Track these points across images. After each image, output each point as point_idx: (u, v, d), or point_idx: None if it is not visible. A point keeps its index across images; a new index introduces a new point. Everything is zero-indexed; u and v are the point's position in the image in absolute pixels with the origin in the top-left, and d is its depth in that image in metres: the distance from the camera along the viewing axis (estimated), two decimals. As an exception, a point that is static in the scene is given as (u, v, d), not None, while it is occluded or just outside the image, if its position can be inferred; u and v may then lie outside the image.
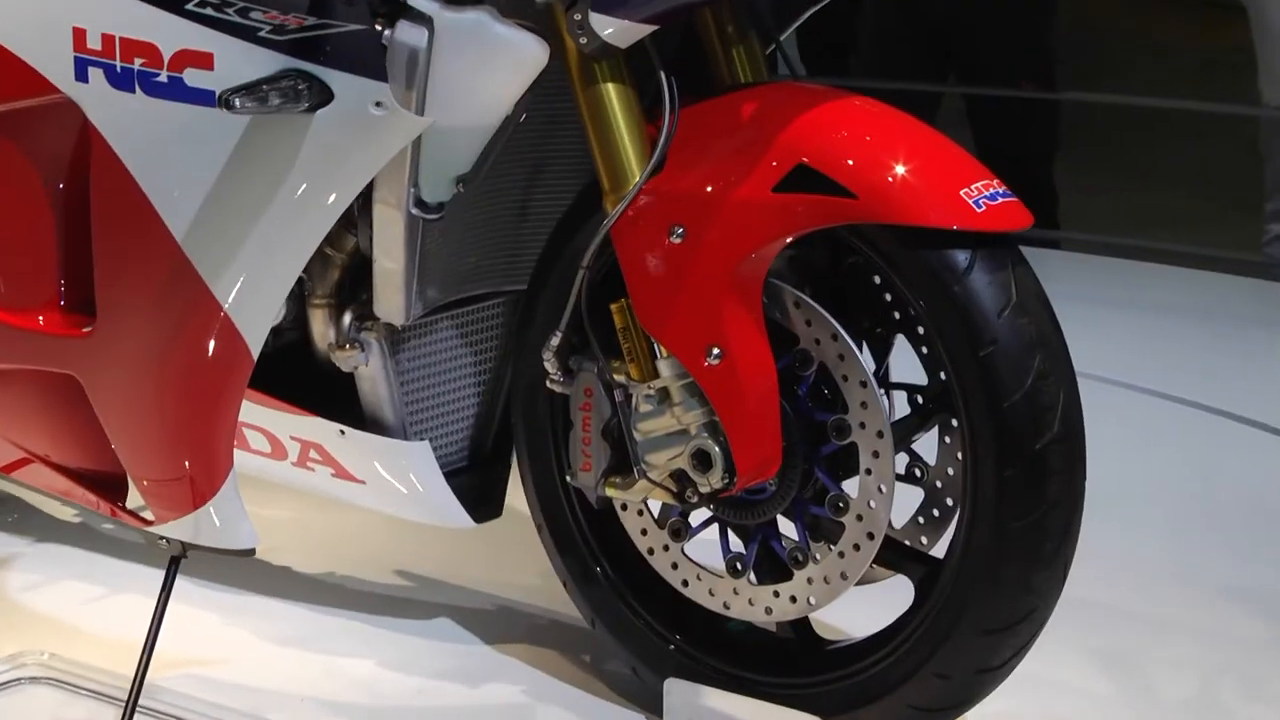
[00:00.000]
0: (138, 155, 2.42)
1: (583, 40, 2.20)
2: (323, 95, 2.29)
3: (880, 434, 2.20)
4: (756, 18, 2.37)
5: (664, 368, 2.25)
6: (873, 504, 2.22)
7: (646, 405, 2.27)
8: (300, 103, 2.28)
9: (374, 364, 2.51)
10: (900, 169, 2.12)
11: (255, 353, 2.38)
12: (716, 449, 2.23)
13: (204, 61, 2.35)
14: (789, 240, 2.17)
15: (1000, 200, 2.14)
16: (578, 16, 2.18)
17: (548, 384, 2.36)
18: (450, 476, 2.55)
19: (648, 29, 2.19)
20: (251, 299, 2.38)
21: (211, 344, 2.41)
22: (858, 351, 2.22)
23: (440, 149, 2.32)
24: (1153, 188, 6.22)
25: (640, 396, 2.28)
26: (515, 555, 2.82)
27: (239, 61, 2.31)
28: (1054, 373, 2.13)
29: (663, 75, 2.24)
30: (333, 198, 2.32)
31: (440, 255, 2.46)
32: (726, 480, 2.23)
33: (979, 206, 2.11)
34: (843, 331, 2.21)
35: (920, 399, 2.31)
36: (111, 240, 2.48)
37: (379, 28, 2.29)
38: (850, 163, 2.12)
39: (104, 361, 2.51)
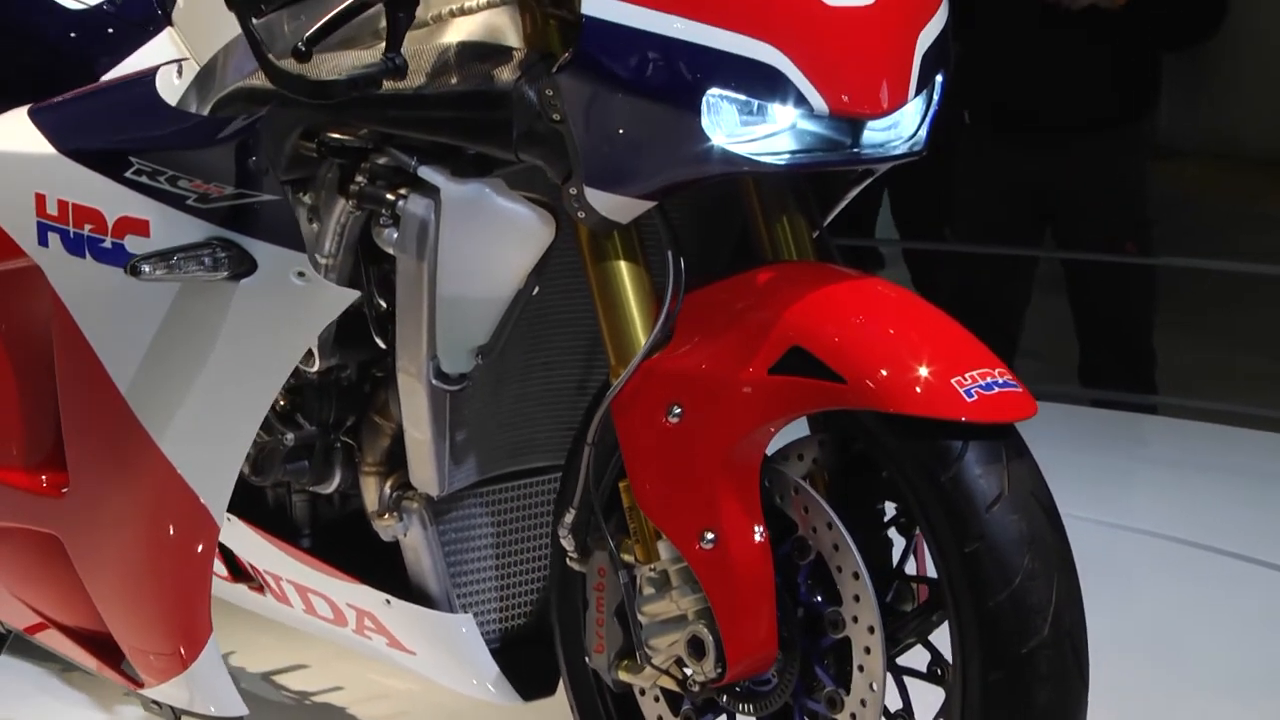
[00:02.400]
0: (91, 320, 2.47)
1: (581, 215, 2.17)
2: (246, 264, 2.31)
3: (872, 629, 2.12)
4: (799, 196, 2.34)
5: (663, 550, 2.21)
6: (865, 702, 2.14)
7: (649, 588, 2.23)
8: (218, 271, 2.31)
9: (414, 534, 2.50)
10: (892, 355, 2.06)
11: (219, 519, 2.38)
12: (710, 637, 2.17)
13: (142, 228, 2.40)
14: (784, 423, 2.13)
15: (997, 390, 2.08)
16: (574, 191, 2.16)
17: (567, 561, 2.33)
18: (501, 651, 2.52)
19: (645, 205, 2.17)
20: (207, 467, 2.38)
21: (174, 511, 2.42)
22: (851, 542, 2.15)
23: (455, 320, 2.32)
24: (1253, 353, 6.15)
25: (644, 578, 2.23)
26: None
27: (172, 228, 2.35)
28: (1045, 573, 2.04)
29: (669, 255, 2.21)
30: (272, 365, 2.33)
31: (485, 427, 2.45)
32: (719, 671, 2.17)
33: (970, 396, 2.05)
34: (837, 520, 2.15)
35: (929, 593, 2.23)
36: (73, 404, 2.51)
37: (391, 198, 2.31)
38: (842, 347, 2.07)
39: (80, 523, 2.54)
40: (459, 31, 2.25)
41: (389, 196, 2.33)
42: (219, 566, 2.73)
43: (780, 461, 2.23)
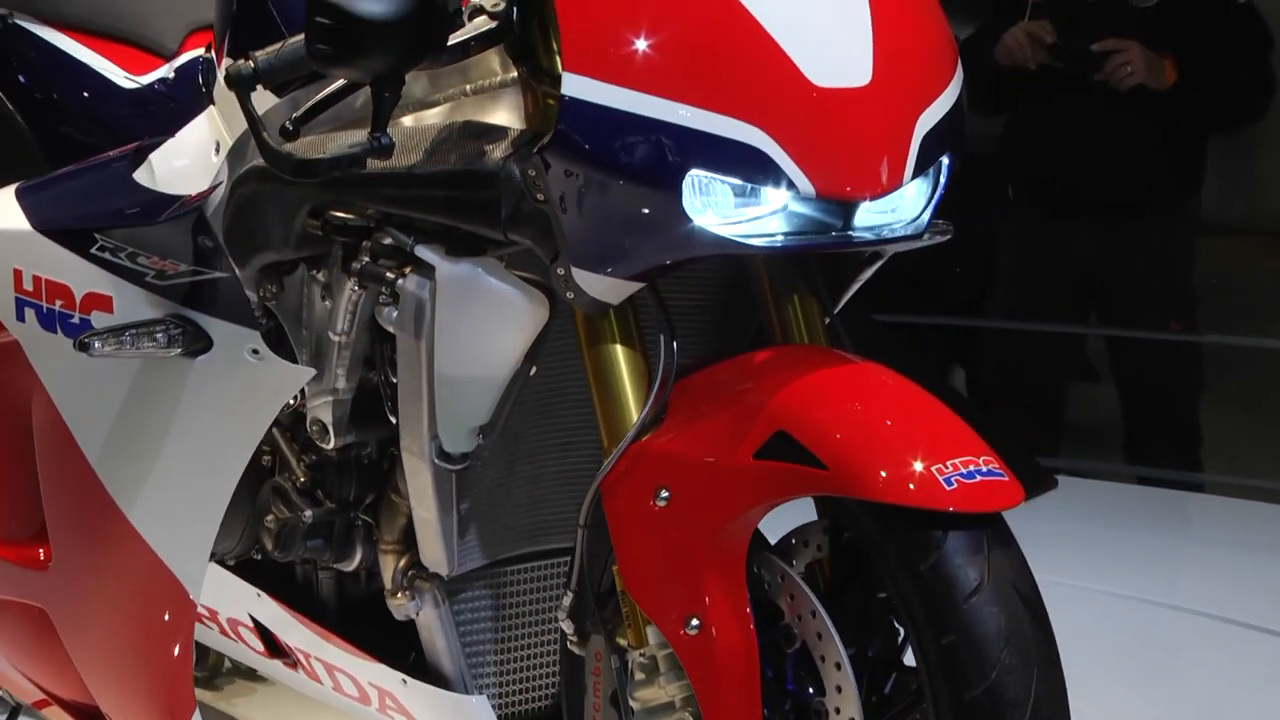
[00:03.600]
0: (64, 395, 2.49)
1: (571, 296, 2.16)
2: (202, 342, 2.32)
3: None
4: (809, 278, 2.32)
5: (651, 634, 2.18)
6: None
7: (640, 673, 2.20)
8: (172, 348, 2.31)
9: (428, 613, 2.48)
10: (875, 441, 2.03)
11: (196, 595, 2.37)
12: None
13: (106, 305, 2.42)
14: (767, 509, 2.10)
15: (979, 479, 2.04)
16: (561, 272, 2.14)
17: (567, 645, 2.31)
18: None
19: (634, 286, 2.15)
20: (180, 543, 2.39)
21: (151, 587, 2.42)
22: (834, 631, 2.11)
23: (454, 400, 2.31)
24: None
25: (635, 663, 2.20)
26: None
27: (133, 305, 2.37)
28: (1024, 666, 1.99)
29: (662, 338, 2.19)
30: (235, 442, 2.33)
31: (499, 508, 2.44)
32: None
33: (949, 484, 2.01)
34: (820, 608, 2.12)
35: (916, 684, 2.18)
36: (51, 479, 2.53)
37: (391, 277, 2.31)
38: (825, 432, 2.04)
39: (63, 597, 2.55)
40: (460, 112, 2.26)
41: (389, 275, 2.33)
42: (256, 641, 2.74)
43: (783, 547, 2.20)
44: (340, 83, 2.13)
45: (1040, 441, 4.97)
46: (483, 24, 2.14)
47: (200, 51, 2.84)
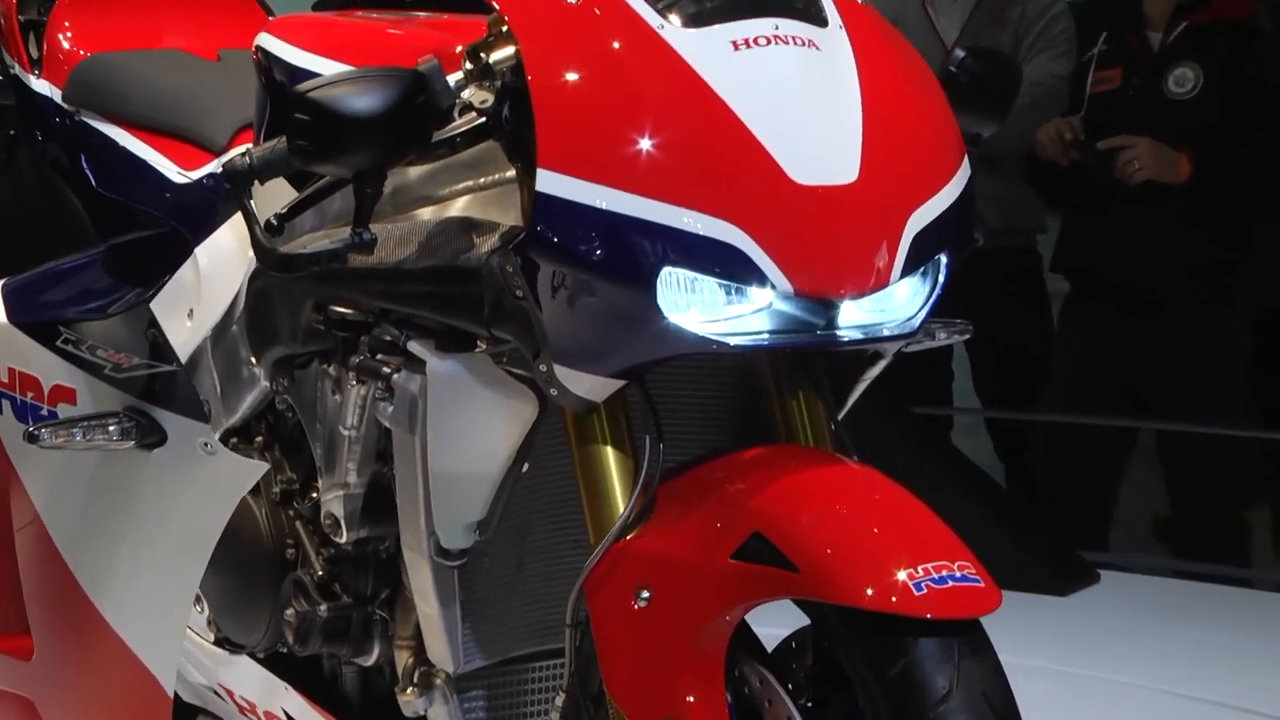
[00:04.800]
0: (37, 487, 2.52)
1: (554, 393, 2.15)
2: (156, 435, 2.34)
3: None
4: (813, 376, 2.29)
5: None
6: None
7: None
8: (125, 440, 2.34)
9: (436, 711, 2.46)
10: (847, 544, 2.01)
11: (169, 688, 2.37)
12: None
13: (71, 397, 2.47)
14: (744, 611, 2.08)
15: (951, 584, 2.00)
16: (544, 368, 2.13)
17: None
18: None
19: (617, 383, 2.14)
20: (151, 636, 2.40)
21: (125, 680, 2.44)
22: None
23: (449, 496, 2.31)
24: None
25: None
26: None
27: (95, 398, 2.40)
28: None
29: (648, 440, 2.17)
30: (196, 536, 2.34)
31: (510, 605, 2.42)
32: None
33: (919, 589, 1.97)
34: (796, 713, 2.09)
35: None
36: (29, 570, 2.56)
37: (387, 372, 2.31)
38: (798, 535, 2.02)
39: (46, 688, 2.57)
40: (455, 208, 2.27)
41: (385, 370, 2.33)
42: None
43: (777, 651, 2.17)
44: (328, 179, 2.14)
45: (1088, 535, 4.94)
46: (471, 120, 2.14)
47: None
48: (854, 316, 2.09)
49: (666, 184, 2.03)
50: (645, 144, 2.04)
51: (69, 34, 3.01)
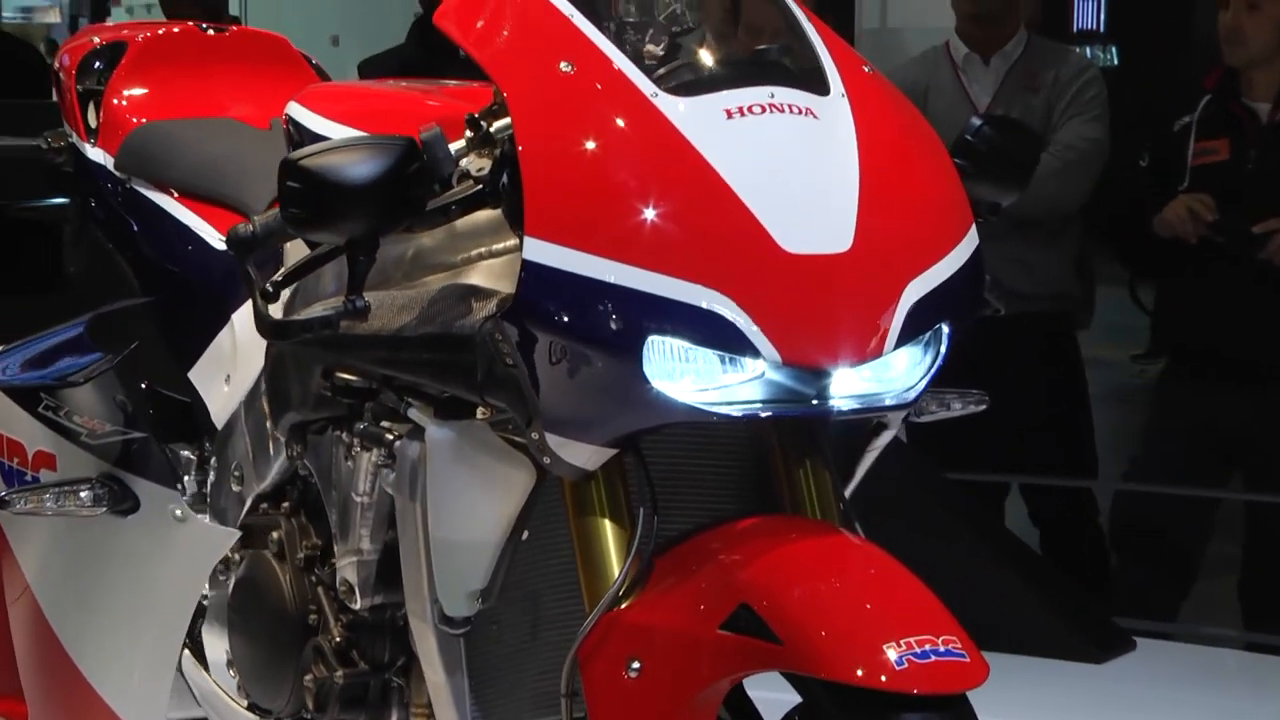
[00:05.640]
0: (24, 552, 2.55)
1: (548, 462, 2.13)
2: (130, 501, 2.36)
3: None
4: (819, 447, 2.24)
5: None
6: None
7: None
8: (98, 507, 2.36)
9: None
10: (831, 617, 1.98)
11: None
12: None
13: (51, 463, 2.51)
14: (731, 683, 2.06)
15: (934, 659, 1.96)
16: (535, 436, 2.12)
17: None
18: None
19: (609, 452, 2.12)
20: (135, 703, 2.41)
21: None
22: None
23: (450, 563, 2.29)
24: None
25: None
26: None
27: (73, 464, 2.43)
28: None
29: (642, 511, 2.15)
30: (173, 602, 2.35)
31: (522, 674, 2.39)
32: None
33: (900, 664, 1.94)
34: None
35: None
36: (19, 635, 2.60)
37: (390, 438, 2.31)
38: (784, 607, 2.00)
39: None
40: (456, 275, 2.27)
41: (388, 437, 2.34)
42: None
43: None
44: (324, 246, 2.15)
45: (1158, 604, 4.87)
46: (467, 188, 2.15)
47: None
48: (850, 386, 2.08)
49: (653, 252, 2.03)
50: (632, 211, 2.04)
51: (124, 103, 3.06)
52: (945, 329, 2.13)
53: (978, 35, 4.96)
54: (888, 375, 2.11)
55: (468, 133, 2.14)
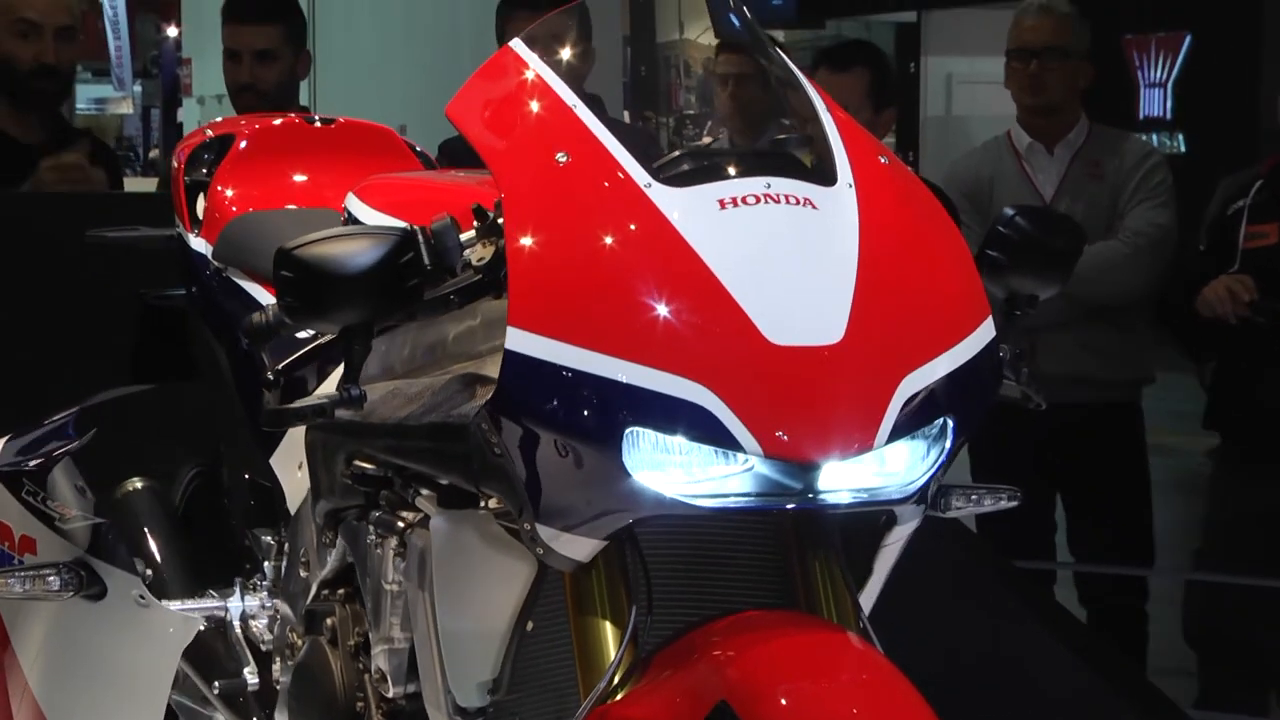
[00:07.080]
0: (17, 633, 2.63)
1: (540, 552, 2.11)
2: (97, 586, 2.41)
3: None
4: (830, 542, 2.20)
5: None
6: None
7: None
8: (65, 591, 2.41)
9: None
10: (806, 710, 1.95)
11: None
12: None
13: (33, 546, 2.57)
14: None
15: None
16: (528, 527, 2.10)
17: None
18: None
19: (600, 544, 2.10)
20: None
21: None
22: None
23: (459, 653, 2.27)
24: None
25: None
26: None
27: (51, 549, 2.50)
28: None
29: (634, 608, 2.15)
30: (147, 685, 2.39)
31: None
32: None
33: None
34: None
35: None
36: (13, 714, 2.65)
37: (401, 526, 2.32)
38: (761, 707, 1.95)
39: None
40: (465, 366, 2.27)
41: (399, 525, 2.35)
42: None
43: None
44: (325, 335, 2.15)
45: (1242, 696, 4.84)
46: (467, 277, 2.15)
47: None
48: (845, 480, 2.04)
49: (633, 343, 2.01)
50: (614, 302, 2.02)
51: (228, 193, 3.11)
52: (950, 423, 2.09)
53: (1040, 125, 4.98)
54: (888, 469, 2.07)
55: (475, 223, 2.15)
